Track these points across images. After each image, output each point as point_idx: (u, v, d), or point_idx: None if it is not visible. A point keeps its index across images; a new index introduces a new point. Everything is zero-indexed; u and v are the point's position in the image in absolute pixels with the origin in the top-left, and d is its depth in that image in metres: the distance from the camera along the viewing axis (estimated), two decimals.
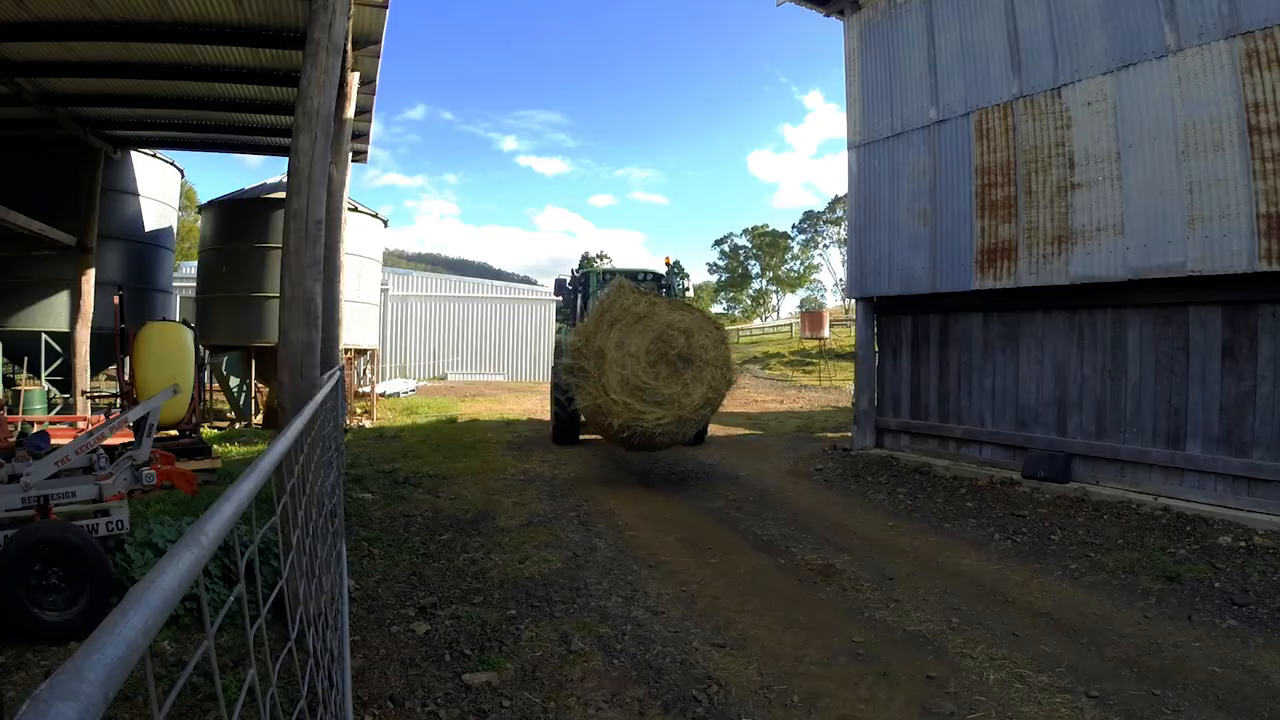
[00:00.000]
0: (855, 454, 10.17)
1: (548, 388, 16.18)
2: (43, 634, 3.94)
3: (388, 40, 8.82)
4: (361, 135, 11.36)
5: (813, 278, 60.26)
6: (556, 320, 32.60)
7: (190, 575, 0.86)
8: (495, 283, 34.89)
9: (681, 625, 4.43)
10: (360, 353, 16.10)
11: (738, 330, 40.37)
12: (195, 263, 18.07)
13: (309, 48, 4.65)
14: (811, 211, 59.25)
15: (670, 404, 8.01)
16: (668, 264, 12.40)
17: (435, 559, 5.59)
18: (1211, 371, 6.78)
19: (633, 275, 11.64)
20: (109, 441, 5.76)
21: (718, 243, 63.20)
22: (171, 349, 8.54)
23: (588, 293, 11.90)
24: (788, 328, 38.96)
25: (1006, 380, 8.73)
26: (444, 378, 28.64)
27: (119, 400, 9.00)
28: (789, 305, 60.37)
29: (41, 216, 10.43)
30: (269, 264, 13.01)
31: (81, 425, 8.43)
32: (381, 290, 21.92)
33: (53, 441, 5.60)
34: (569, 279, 12.94)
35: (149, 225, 13.94)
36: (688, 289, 12.74)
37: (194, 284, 15.84)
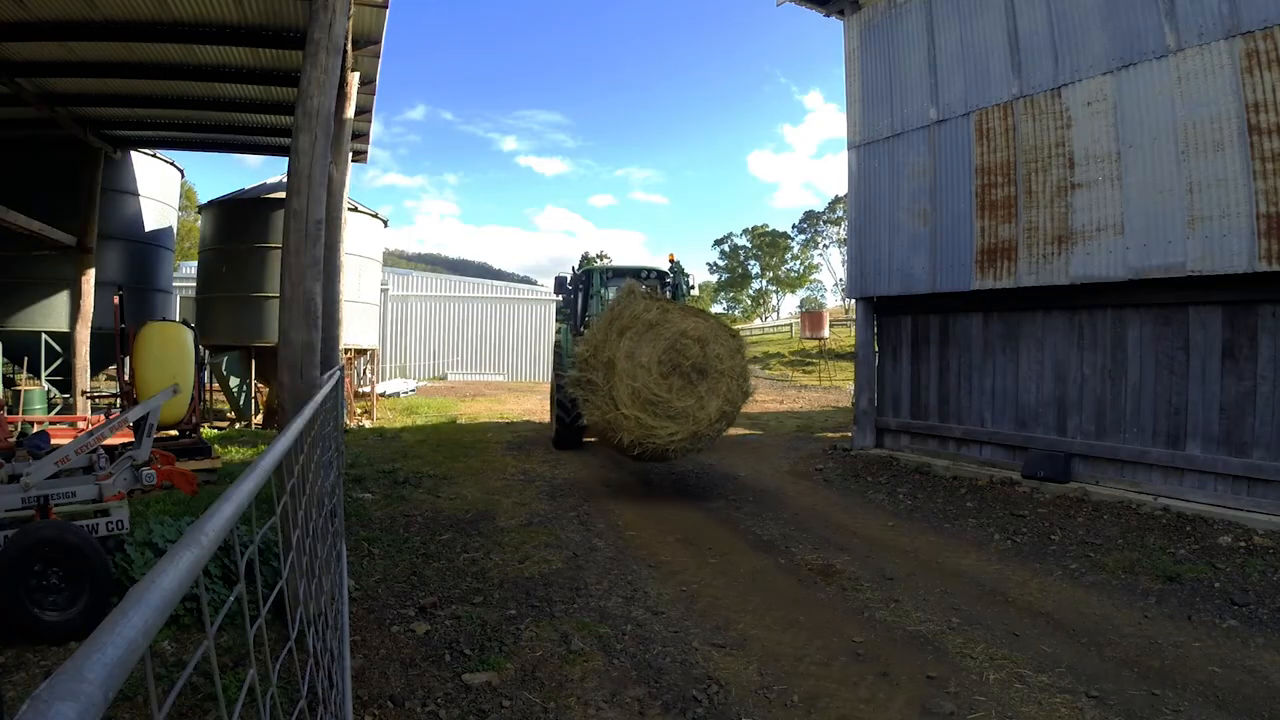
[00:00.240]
0: (855, 454, 10.17)
1: (548, 388, 16.10)
2: (43, 634, 3.94)
3: (388, 40, 8.83)
4: (361, 135, 11.36)
5: (813, 278, 60.21)
6: (556, 320, 32.60)
7: (190, 575, 0.86)
8: (495, 283, 34.89)
9: (681, 625, 4.43)
10: (360, 353, 16.09)
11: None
12: (195, 263, 18.06)
13: (309, 48, 4.65)
14: (812, 211, 59.19)
15: (684, 418, 7.56)
16: (671, 261, 11.99)
17: (435, 559, 5.59)
18: (1211, 371, 6.78)
19: (636, 273, 11.38)
20: (109, 441, 5.75)
21: (718, 243, 63.16)
22: (171, 349, 8.54)
23: (589, 292, 11.66)
24: (788, 328, 38.95)
25: (1006, 380, 8.73)
26: (444, 378, 28.64)
27: (119, 400, 9.00)
28: (789, 305, 60.33)
29: (41, 216, 10.42)
30: (269, 264, 13.00)
31: (81, 425, 8.43)
32: (381, 290, 21.92)
33: (53, 441, 5.60)
34: (569, 276, 12.63)
35: (149, 225, 13.93)
36: (693, 287, 12.38)
37: (194, 284, 15.84)
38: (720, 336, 8.00)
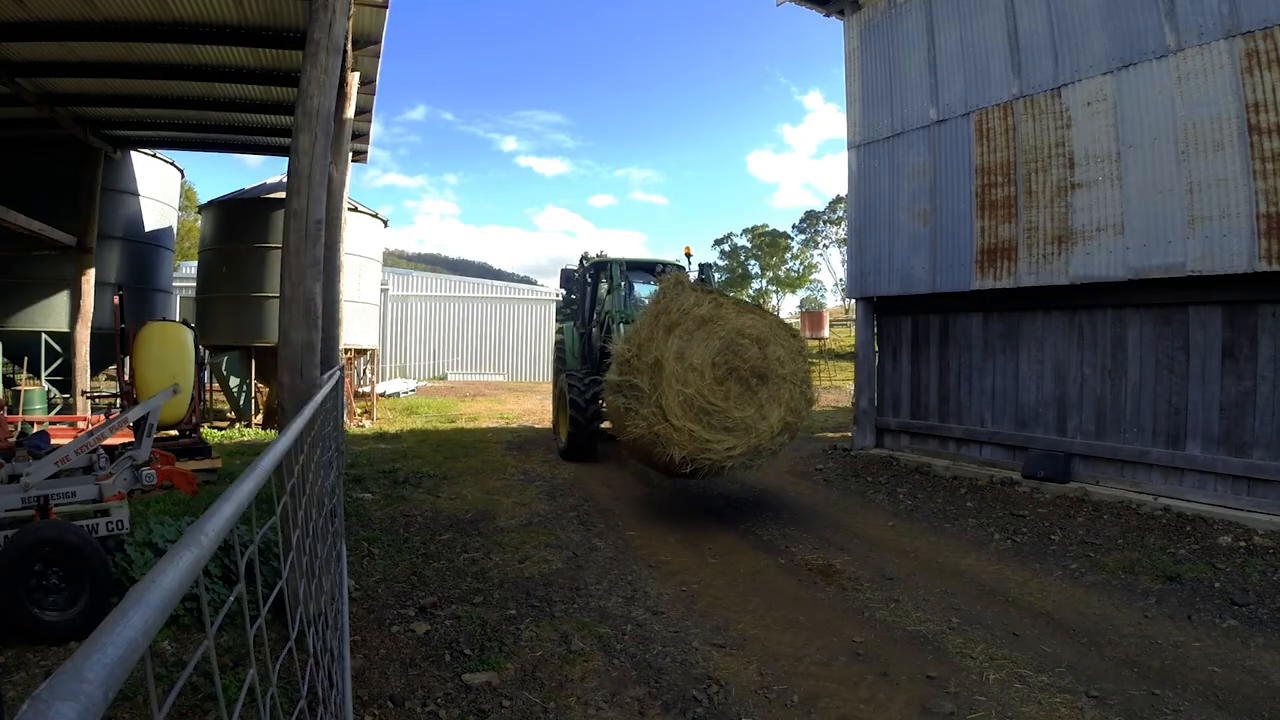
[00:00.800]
0: (855, 454, 10.17)
1: (548, 388, 16.00)
2: (43, 634, 3.94)
3: (388, 40, 8.82)
4: (361, 135, 11.35)
5: (813, 278, 60.19)
6: (557, 320, 32.54)
7: (190, 575, 0.86)
8: (495, 283, 34.88)
9: (681, 625, 4.43)
10: (360, 353, 16.09)
11: None
12: (195, 263, 18.06)
13: (309, 48, 4.64)
14: (812, 211, 59.20)
15: (743, 430, 6.57)
16: (688, 254, 10.97)
17: (435, 559, 5.59)
18: (1211, 371, 6.78)
19: (649, 267, 10.75)
20: (109, 441, 5.75)
21: (718, 242, 63.13)
22: (171, 349, 8.54)
23: (599, 285, 10.84)
24: None
25: (1006, 380, 8.74)
26: (444, 378, 28.64)
27: (119, 400, 9.00)
28: (789, 305, 60.32)
29: (41, 216, 10.41)
30: (269, 264, 13.00)
31: (81, 425, 8.43)
32: (381, 290, 21.92)
33: (53, 441, 5.60)
34: (577, 269, 11.72)
35: (149, 225, 13.93)
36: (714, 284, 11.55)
37: (194, 284, 15.83)
38: (780, 336, 7.04)
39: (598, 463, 10.01)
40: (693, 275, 10.88)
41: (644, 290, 11.05)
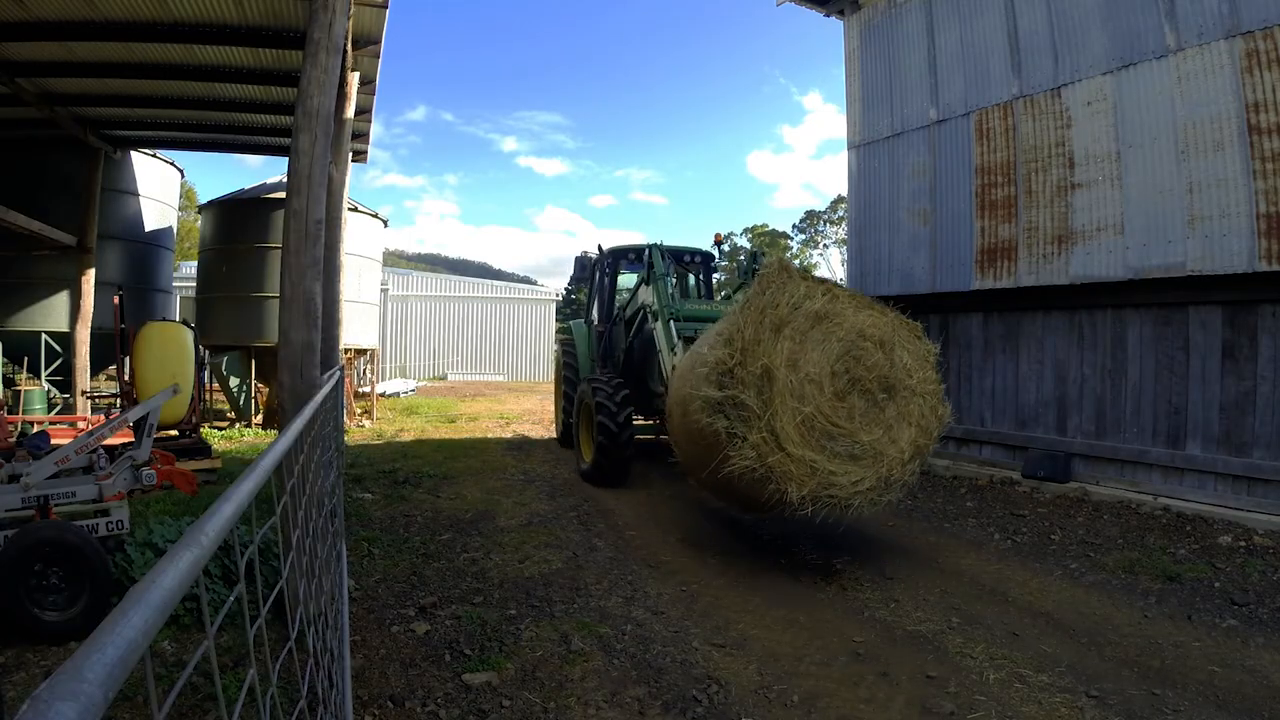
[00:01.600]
0: None
1: (548, 388, 15.92)
2: (43, 634, 3.94)
3: (388, 40, 8.82)
4: (361, 135, 11.35)
5: None
6: (557, 319, 32.56)
7: (190, 575, 0.86)
8: (495, 283, 34.87)
9: (681, 625, 4.42)
10: (360, 353, 16.08)
11: None
12: (195, 263, 18.04)
13: (309, 48, 4.64)
14: (812, 211, 59.21)
15: (871, 458, 5.16)
16: (719, 242, 9.55)
17: (435, 559, 5.59)
18: (1211, 371, 6.78)
19: (678, 255, 9.83)
20: (109, 441, 5.75)
21: (718, 242, 63.22)
22: (171, 349, 8.54)
23: (617, 277, 9.90)
24: None
25: (1006, 380, 8.74)
26: (444, 378, 28.65)
27: (119, 400, 9.00)
28: None
29: (41, 216, 10.41)
30: (269, 264, 12.99)
31: (81, 425, 8.42)
32: (381, 290, 21.92)
33: (53, 441, 5.60)
34: (595, 256, 10.35)
35: (149, 225, 13.93)
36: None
37: (194, 284, 15.83)
38: (904, 338, 5.71)
39: None
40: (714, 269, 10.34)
41: None
